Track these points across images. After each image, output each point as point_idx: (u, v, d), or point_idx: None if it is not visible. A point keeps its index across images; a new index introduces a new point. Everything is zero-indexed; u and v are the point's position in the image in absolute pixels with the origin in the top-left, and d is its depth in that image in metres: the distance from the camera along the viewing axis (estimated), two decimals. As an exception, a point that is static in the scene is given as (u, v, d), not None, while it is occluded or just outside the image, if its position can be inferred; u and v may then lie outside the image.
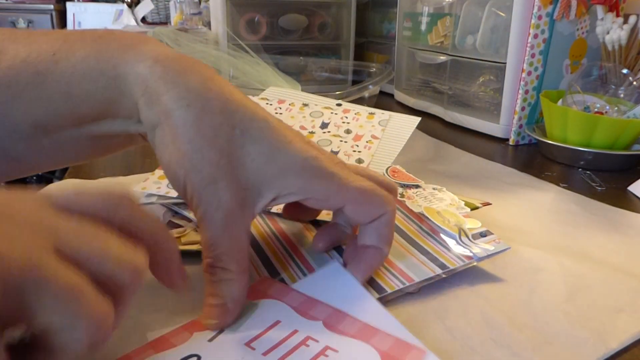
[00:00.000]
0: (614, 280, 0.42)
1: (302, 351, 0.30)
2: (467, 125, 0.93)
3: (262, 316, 0.33)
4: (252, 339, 0.31)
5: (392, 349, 0.30)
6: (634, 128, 0.70)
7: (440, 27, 0.99)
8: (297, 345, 0.30)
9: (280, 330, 0.32)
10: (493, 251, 0.41)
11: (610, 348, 0.34)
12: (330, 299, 0.34)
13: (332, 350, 0.30)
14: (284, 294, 0.35)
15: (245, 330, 0.32)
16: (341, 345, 0.30)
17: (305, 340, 0.31)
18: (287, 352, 0.30)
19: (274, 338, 0.31)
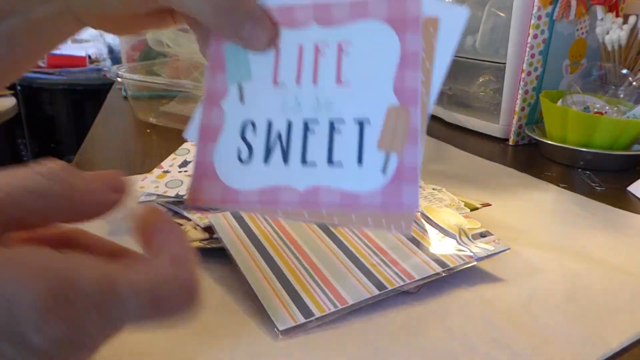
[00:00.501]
0: (613, 281, 0.42)
1: (323, 61, 0.30)
2: (467, 126, 0.93)
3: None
4: (275, 77, 0.31)
5: (391, 10, 0.29)
6: (633, 128, 0.70)
7: (440, 27, 0.99)
8: (315, 59, 0.30)
9: (286, 52, 0.31)
10: (493, 251, 0.41)
11: (610, 348, 0.34)
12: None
13: (347, 43, 0.30)
14: None
15: (259, 73, 0.31)
16: (349, 34, 0.30)
17: (317, 50, 0.30)
18: (313, 70, 0.30)
19: (290, 65, 0.31)
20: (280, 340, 0.34)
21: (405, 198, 0.27)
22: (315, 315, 0.35)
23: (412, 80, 0.28)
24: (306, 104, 0.30)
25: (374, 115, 0.29)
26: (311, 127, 0.30)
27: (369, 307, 0.37)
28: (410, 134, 0.28)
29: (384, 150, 0.28)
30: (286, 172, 0.30)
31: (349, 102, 0.29)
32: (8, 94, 2.00)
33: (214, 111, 0.32)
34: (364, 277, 0.39)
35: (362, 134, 0.28)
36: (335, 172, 0.29)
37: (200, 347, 0.33)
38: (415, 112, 0.28)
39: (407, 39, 0.29)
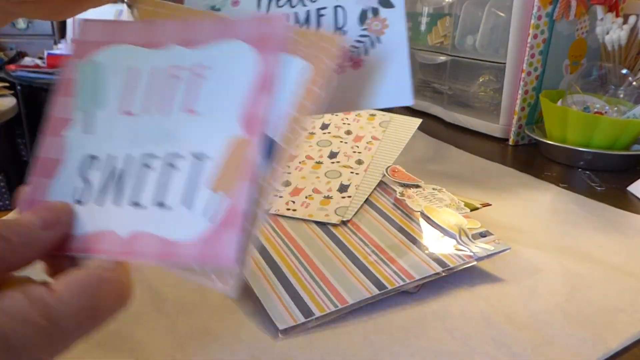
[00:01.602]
0: (613, 280, 0.42)
1: (176, 87, 0.28)
2: (466, 126, 0.93)
3: (110, 72, 0.30)
4: (122, 105, 0.29)
5: (255, 30, 0.27)
6: (633, 128, 0.70)
7: (440, 27, 1.00)
8: (167, 84, 0.28)
9: (140, 77, 0.29)
10: (493, 251, 0.41)
11: (609, 348, 0.34)
12: None
13: (203, 67, 0.28)
14: (113, 32, 0.31)
15: (108, 100, 0.29)
16: (209, 56, 0.28)
17: (172, 72, 0.28)
18: (162, 97, 0.28)
19: (141, 91, 0.29)
20: (280, 340, 0.34)
21: (222, 249, 0.24)
22: (315, 315, 0.35)
23: (263, 107, 0.26)
24: (151, 137, 0.28)
25: (213, 149, 0.26)
26: (149, 162, 0.27)
27: (369, 306, 0.37)
28: (246, 169, 0.25)
29: (217, 192, 0.25)
30: (113, 215, 0.27)
31: (192, 134, 0.27)
32: (8, 94, 2.00)
33: (55, 142, 0.30)
34: (363, 276, 0.39)
35: (198, 171, 0.26)
36: (162, 217, 0.26)
37: (200, 346, 0.33)
38: (258, 143, 0.25)
39: (268, 58, 0.27)
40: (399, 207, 0.49)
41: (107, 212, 0.27)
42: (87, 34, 0.31)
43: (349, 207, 0.48)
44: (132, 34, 0.30)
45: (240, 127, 0.26)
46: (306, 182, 0.52)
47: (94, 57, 0.31)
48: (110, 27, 0.31)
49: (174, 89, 0.28)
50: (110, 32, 0.31)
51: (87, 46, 0.31)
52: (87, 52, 0.31)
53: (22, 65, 2.28)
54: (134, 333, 0.34)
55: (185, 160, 0.27)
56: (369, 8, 0.30)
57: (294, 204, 0.49)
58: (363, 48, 0.31)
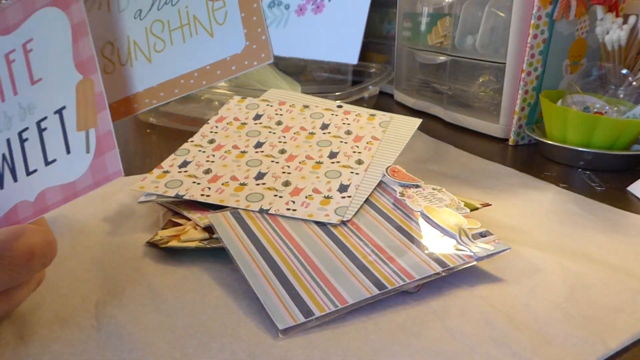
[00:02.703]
0: (613, 281, 0.42)
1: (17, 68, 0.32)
2: (466, 126, 0.93)
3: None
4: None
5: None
6: (633, 128, 0.70)
7: (440, 27, 1.00)
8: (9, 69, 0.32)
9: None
10: (493, 251, 0.41)
11: (609, 348, 0.34)
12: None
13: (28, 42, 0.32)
14: None
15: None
16: (28, 32, 0.32)
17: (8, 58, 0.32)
18: (10, 79, 0.32)
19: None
20: (280, 340, 0.34)
21: (109, 169, 0.29)
22: (315, 315, 0.35)
23: (86, 49, 0.30)
24: (15, 116, 0.32)
25: (67, 100, 0.30)
26: (25, 136, 0.31)
27: (369, 306, 0.37)
28: (98, 101, 0.29)
29: (82, 130, 0.29)
30: (17, 189, 0.31)
31: (46, 98, 0.31)
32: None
33: None
34: (363, 276, 0.39)
35: (63, 123, 0.30)
36: (53, 170, 0.30)
37: (200, 346, 0.33)
38: (97, 78, 0.29)
39: (72, 11, 0.30)
40: (398, 207, 0.49)
41: (11, 190, 0.31)
42: None
43: (349, 207, 0.48)
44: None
45: (78, 72, 0.30)
46: (306, 182, 0.52)
47: None
48: None
49: (15, 70, 0.32)
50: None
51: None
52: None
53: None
54: (133, 333, 0.34)
55: (50, 120, 0.31)
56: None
57: (294, 204, 0.49)
58: None
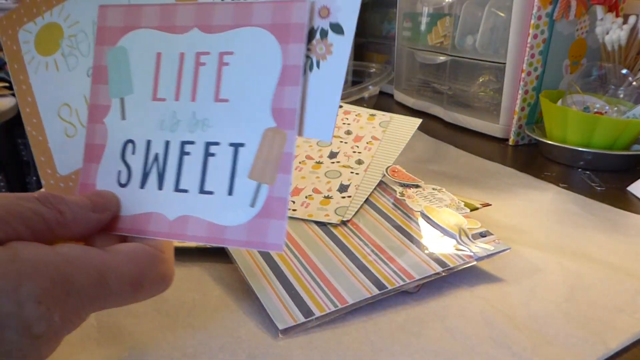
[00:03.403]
0: (613, 281, 0.42)
1: (204, 73, 0.29)
2: (466, 126, 0.93)
3: (139, 58, 0.31)
4: (155, 91, 0.30)
5: (275, 17, 0.28)
6: (633, 128, 0.70)
7: (440, 27, 1.00)
8: (195, 71, 0.29)
9: (168, 62, 0.30)
10: (493, 251, 0.41)
11: (609, 348, 0.34)
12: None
13: (227, 54, 0.29)
14: (135, 17, 0.32)
15: (140, 86, 0.30)
16: (232, 42, 0.28)
17: (199, 59, 0.29)
18: (193, 83, 0.29)
19: (171, 77, 0.30)
20: (280, 340, 0.34)
21: (270, 237, 0.26)
22: (315, 315, 0.35)
23: (291, 99, 0.27)
24: (184, 123, 0.29)
25: (249, 139, 0.28)
26: (187, 149, 0.29)
27: (369, 306, 0.37)
28: (284, 161, 0.26)
29: (255, 180, 0.27)
30: (159, 198, 0.29)
31: (225, 122, 0.28)
32: (8, 94, 2.00)
33: (97, 128, 0.31)
34: (363, 276, 0.39)
35: (235, 160, 0.28)
36: (205, 201, 0.28)
37: (200, 346, 0.33)
38: (292, 136, 0.26)
39: (290, 49, 0.27)
40: (399, 207, 0.49)
41: (152, 195, 0.29)
42: (110, 20, 0.32)
43: (349, 207, 0.48)
44: (153, 19, 0.31)
45: (273, 118, 0.27)
46: (306, 182, 0.52)
47: (120, 43, 0.31)
48: (131, 12, 0.32)
49: (202, 75, 0.29)
50: (132, 17, 0.31)
51: (112, 32, 0.32)
52: (114, 38, 0.32)
53: (22, 65, 2.28)
54: (133, 332, 0.34)
55: (222, 148, 0.28)
56: (318, 28, 0.28)
57: (294, 203, 0.49)
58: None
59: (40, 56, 0.34)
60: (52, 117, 0.33)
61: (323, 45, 0.28)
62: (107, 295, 0.25)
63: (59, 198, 0.26)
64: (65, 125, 0.33)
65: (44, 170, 0.33)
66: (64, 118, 0.33)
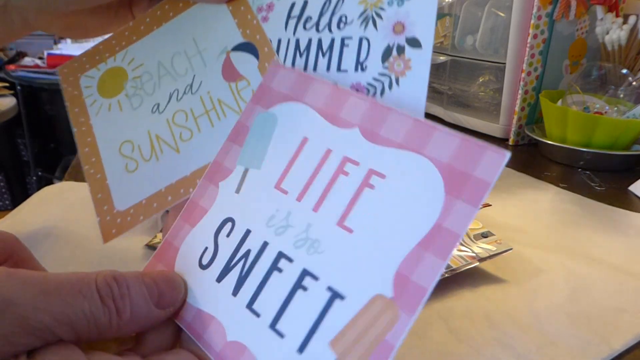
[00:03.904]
0: (615, 281, 0.42)
1: (341, 185, 0.23)
2: (466, 126, 0.93)
3: (284, 136, 0.26)
4: (281, 179, 0.25)
5: (456, 156, 0.21)
6: (633, 128, 0.70)
7: (440, 27, 1.00)
8: (334, 177, 0.24)
9: (310, 153, 0.25)
10: (495, 252, 0.42)
11: (613, 349, 0.34)
12: None
13: (378, 175, 0.23)
14: (304, 88, 0.27)
15: (271, 165, 0.26)
16: (388, 166, 0.23)
17: (343, 166, 0.24)
18: (324, 191, 0.24)
19: (305, 171, 0.25)
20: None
21: None
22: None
23: (428, 276, 0.20)
24: (293, 232, 0.24)
25: (352, 295, 0.21)
26: (281, 266, 0.23)
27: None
28: (381, 350, 0.20)
29: (334, 352, 0.21)
30: (229, 306, 0.24)
31: (336, 257, 0.22)
32: (8, 94, 1.99)
33: (209, 190, 0.27)
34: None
35: (324, 312, 0.21)
36: (271, 342, 0.22)
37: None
38: (406, 322, 0.20)
39: (456, 209, 0.20)
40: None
41: (224, 297, 0.24)
42: (276, 82, 0.28)
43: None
44: (319, 98, 0.26)
45: (392, 286, 0.21)
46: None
47: (273, 109, 0.27)
48: (302, 80, 0.27)
49: (338, 186, 0.24)
50: (299, 87, 0.27)
51: (272, 95, 0.28)
52: (271, 102, 0.28)
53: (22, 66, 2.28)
54: (138, 335, 0.34)
55: (319, 288, 0.22)
56: (394, 45, 0.27)
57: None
58: (380, 88, 0.27)
59: (103, 98, 0.34)
60: (113, 155, 0.33)
61: (401, 62, 0.27)
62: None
63: (122, 287, 0.23)
64: (127, 162, 0.32)
65: (101, 207, 0.32)
66: (125, 154, 0.32)
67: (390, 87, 0.27)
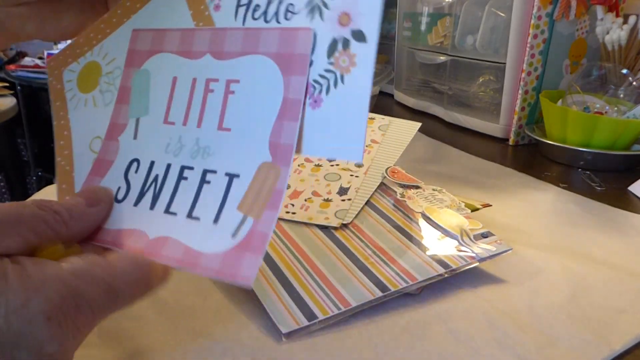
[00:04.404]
0: (615, 281, 0.42)
1: (211, 100, 0.29)
2: (467, 126, 0.93)
3: (158, 82, 0.32)
4: (166, 114, 0.31)
5: (280, 45, 0.27)
6: (633, 128, 0.70)
7: (440, 27, 0.99)
8: (204, 97, 0.29)
9: (182, 87, 0.30)
10: (495, 252, 0.41)
11: (613, 350, 0.34)
12: None
13: (234, 82, 0.28)
14: (160, 41, 0.32)
15: (155, 108, 0.31)
16: (238, 70, 0.28)
17: (208, 86, 0.29)
18: (200, 110, 0.29)
19: (182, 101, 0.30)
20: (283, 343, 0.34)
21: (242, 270, 0.25)
22: (319, 318, 0.35)
23: (289, 135, 0.26)
24: (187, 148, 0.29)
25: (244, 171, 0.27)
26: (185, 174, 0.29)
27: (371, 309, 0.37)
28: (274, 197, 0.25)
29: (242, 213, 0.26)
30: (147, 217, 0.29)
31: (225, 152, 0.28)
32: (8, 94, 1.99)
33: (111, 145, 0.32)
34: (366, 278, 0.39)
35: (228, 190, 0.27)
36: (190, 226, 0.27)
37: (201, 350, 0.33)
38: (285, 173, 0.26)
39: (292, 82, 0.26)
40: (399, 208, 0.49)
41: (141, 213, 0.29)
42: (139, 43, 0.33)
43: (349, 209, 0.48)
44: (174, 43, 0.32)
45: (269, 153, 0.26)
46: (305, 185, 0.52)
47: (145, 66, 0.32)
48: (158, 36, 0.33)
49: (209, 102, 0.29)
50: (157, 41, 0.32)
51: (140, 55, 0.33)
52: (140, 60, 0.33)
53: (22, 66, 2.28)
54: (134, 336, 0.34)
55: (218, 177, 0.28)
56: (340, 38, 0.26)
57: (293, 207, 0.49)
58: (325, 86, 0.27)
59: (81, 93, 0.36)
60: (83, 150, 0.34)
61: (346, 57, 0.26)
62: (117, 302, 0.25)
63: (51, 201, 0.27)
64: (94, 156, 0.34)
65: (62, 197, 0.34)
66: (94, 150, 0.34)
67: (335, 85, 0.26)
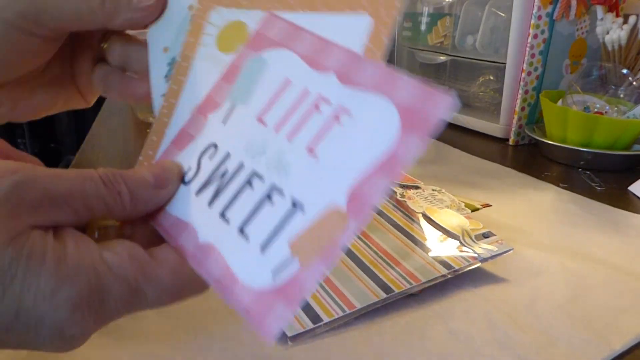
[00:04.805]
0: (615, 281, 0.42)
1: (314, 119, 0.26)
2: (467, 126, 0.93)
3: (270, 77, 0.30)
4: (263, 112, 0.29)
5: (413, 99, 0.24)
6: (633, 128, 0.70)
7: (440, 27, 1.00)
8: (308, 113, 0.27)
9: (290, 92, 0.28)
10: (496, 252, 0.41)
11: (614, 350, 0.34)
12: None
13: (346, 112, 0.26)
14: (293, 38, 0.30)
15: (255, 102, 0.29)
16: (356, 104, 0.26)
17: (317, 103, 0.27)
18: (298, 124, 0.27)
19: (284, 106, 0.28)
20: (290, 347, 0.34)
21: (270, 320, 0.23)
22: (324, 321, 0.35)
23: (376, 193, 0.23)
24: (267, 156, 0.27)
25: (311, 207, 0.24)
26: (253, 182, 0.27)
27: (372, 310, 0.37)
28: (332, 250, 0.23)
29: (292, 251, 0.24)
30: (203, 213, 0.28)
31: (302, 178, 0.26)
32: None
33: (198, 119, 0.31)
34: (369, 280, 0.39)
35: (287, 219, 0.25)
36: (238, 244, 0.26)
37: (202, 350, 0.33)
38: (352, 231, 0.23)
39: (408, 140, 0.24)
40: (400, 208, 0.49)
41: (200, 207, 0.28)
42: (270, 29, 0.31)
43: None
44: (303, 45, 0.29)
45: (346, 199, 0.24)
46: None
47: (264, 55, 0.31)
48: (290, 29, 0.31)
49: (312, 121, 0.27)
50: (287, 35, 0.30)
51: (264, 41, 0.31)
52: (262, 47, 0.31)
53: (21, 65, 2.27)
54: (134, 336, 0.34)
55: (283, 200, 0.25)
56: None
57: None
58: None
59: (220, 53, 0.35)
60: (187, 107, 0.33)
61: None
62: (142, 304, 0.25)
63: (119, 177, 0.26)
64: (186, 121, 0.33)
65: (147, 150, 0.34)
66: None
67: None
